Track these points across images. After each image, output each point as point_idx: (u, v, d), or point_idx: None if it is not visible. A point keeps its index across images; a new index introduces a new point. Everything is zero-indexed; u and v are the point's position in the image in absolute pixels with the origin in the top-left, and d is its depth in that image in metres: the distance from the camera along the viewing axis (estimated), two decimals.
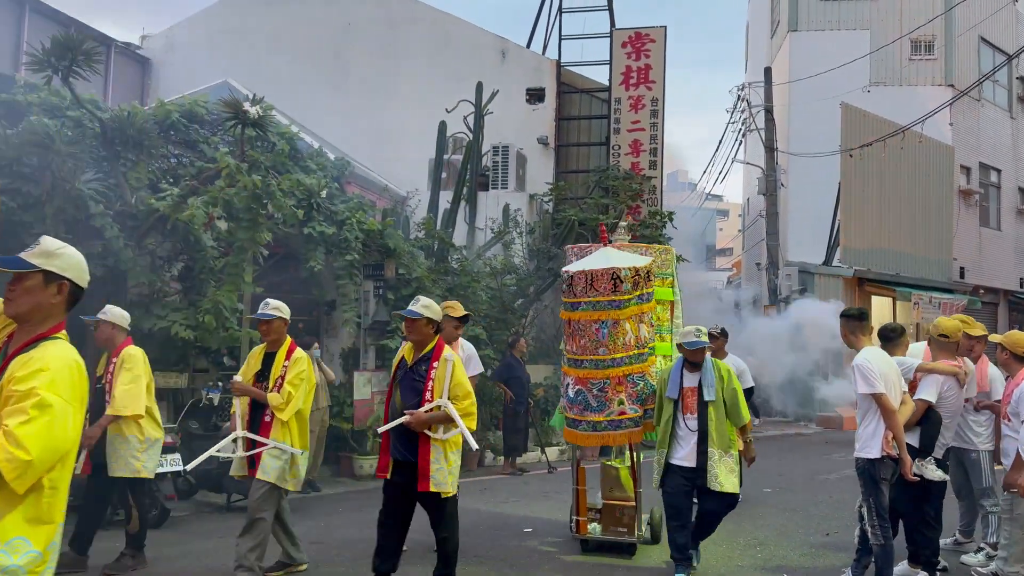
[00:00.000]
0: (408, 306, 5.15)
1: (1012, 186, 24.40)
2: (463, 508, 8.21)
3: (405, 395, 5.05)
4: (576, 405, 5.87)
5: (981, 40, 22.54)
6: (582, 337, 5.78)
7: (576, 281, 5.73)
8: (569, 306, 5.84)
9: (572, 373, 5.91)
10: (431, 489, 4.93)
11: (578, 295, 5.74)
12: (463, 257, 12.64)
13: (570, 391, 5.94)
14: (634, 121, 17.03)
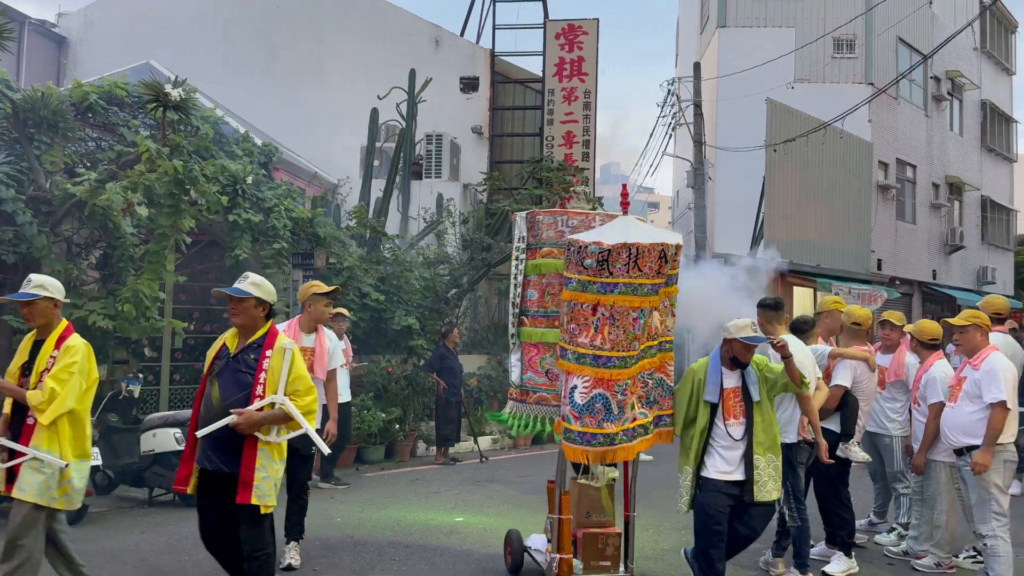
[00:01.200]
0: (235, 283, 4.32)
1: (926, 182, 25.46)
2: (395, 498, 8.25)
3: (227, 390, 4.18)
4: (590, 415, 4.56)
5: (899, 40, 23.40)
6: (613, 328, 4.54)
7: (615, 257, 4.47)
8: (600, 287, 4.52)
9: (588, 373, 4.59)
10: (252, 501, 4.10)
11: (615, 274, 4.50)
12: (396, 246, 12.53)
13: (576, 396, 4.60)
14: (567, 113, 17.14)
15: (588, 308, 4.57)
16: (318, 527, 6.86)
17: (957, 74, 26.41)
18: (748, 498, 4.77)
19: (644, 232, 4.75)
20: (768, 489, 4.80)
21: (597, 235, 4.68)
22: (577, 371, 4.60)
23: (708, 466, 4.88)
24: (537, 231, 5.19)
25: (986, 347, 5.45)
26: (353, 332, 10.57)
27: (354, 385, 10.72)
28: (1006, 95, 31.38)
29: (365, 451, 10.37)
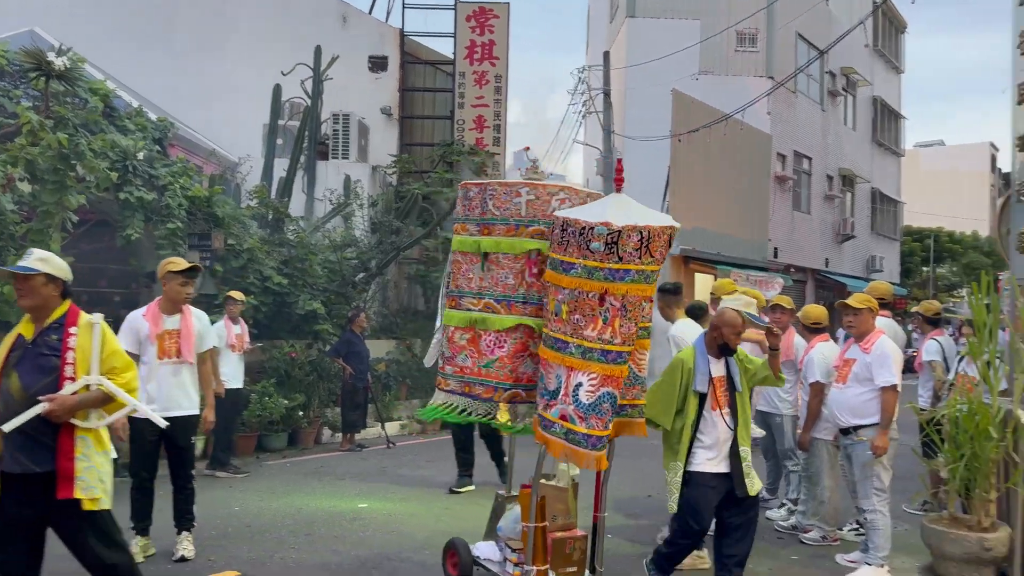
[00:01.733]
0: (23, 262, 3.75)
1: (821, 173, 26.60)
2: (297, 486, 8.07)
3: (29, 377, 3.61)
4: (597, 415, 4.05)
5: (798, 36, 24.30)
6: (624, 320, 4.00)
7: (626, 240, 3.93)
8: (608, 274, 3.97)
9: (596, 369, 4.03)
10: (76, 495, 3.58)
11: (626, 260, 3.94)
12: (300, 228, 12.20)
13: (582, 395, 4.04)
14: (478, 96, 17.04)
15: (595, 297, 3.98)
16: (214, 517, 6.65)
17: (851, 71, 27.64)
18: (741, 492, 4.63)
19: (647, 214, 4.22)
20: (755, 481, 4.70)
21: (598, 214, 4.08)
22: (583, 367, 4.02)
23: (695, 460, 4.67)
24: (480, 204, 4.65)
25: (875, 331, 5.72)
26: (254, 316, 10.26)
27: (255, 371, 10.44)
28: (895, 92, 33.09)
29: (267, 439, 10.10)
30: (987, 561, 5.37)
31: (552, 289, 4.16)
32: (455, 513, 7.06)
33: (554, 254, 4.17)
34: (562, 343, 4.11)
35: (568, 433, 4.08)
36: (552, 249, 4.19)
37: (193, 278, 5.66)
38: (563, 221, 4.10)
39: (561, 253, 4.10)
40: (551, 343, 4.15)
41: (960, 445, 5.48)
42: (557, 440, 4.11)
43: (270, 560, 5.65)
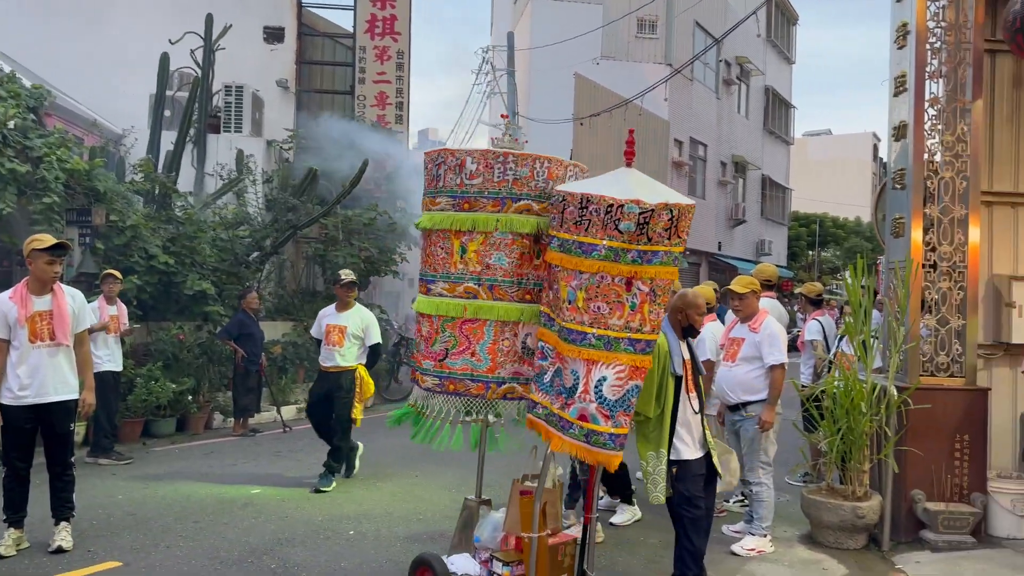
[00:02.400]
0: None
1: (715, 160, 27.45)
2: (186, 473, 7.76)
3: None
4: (625, 412, 3.68)
5: (696, 24, 24.91)
6: (654, 306, 3.68)
7: (656, 219, 3.59)
8: (637, 256, 3.60)
9: (624, 361, 3.66)
10: None
11: (655, 240, 3.61)
12: (188, 205, 11.68)
13: (606, 390, 3.66)
14: (380, 72, 16.73)
15: (621, 282, 3.60)
16: (96, 506, 6.35)
17: (745, 60, 28.58)
18: (715, 471, 4.56)
19: (666, 190, 3.85)
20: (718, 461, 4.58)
21: (619, 190, 3.67)
22: (608, 359, 3.64)
23: (681, 448, 4.43)
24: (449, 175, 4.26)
25: (761, 311, 5.95)
26: (139, 297, 9.78)
27: (140, 353, 9.97)
28: (787, 82, 34.44)
29: (154, 424, 9.68)
30: (860, 528, 5.70)
31: (563, 274, 3.70)
32: (352, 497, 6.96)
33: (566, 234, 3.70)
34: (579, 334, 3.67)
35: (590, 435, 3.67)
36: (562, 229, 3.74)
37: (61, 256, 5.31)
38: (582, 197, 3.64)
39: (578, 233, 3.65)
40: (566, 335, 3.69)
41: (837, 419, 5.78)
42: (576, 443, 3.69)
43: (155, 549, 5.43)
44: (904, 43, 6.15)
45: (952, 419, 5.86)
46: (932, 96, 6.08)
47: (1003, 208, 6.50)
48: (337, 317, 7.44)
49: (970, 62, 6.04)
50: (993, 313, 6.42)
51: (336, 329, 7.38)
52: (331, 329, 7.41)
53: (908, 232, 6.00)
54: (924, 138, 6.06)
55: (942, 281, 6.03)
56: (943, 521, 5.66)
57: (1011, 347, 6.27)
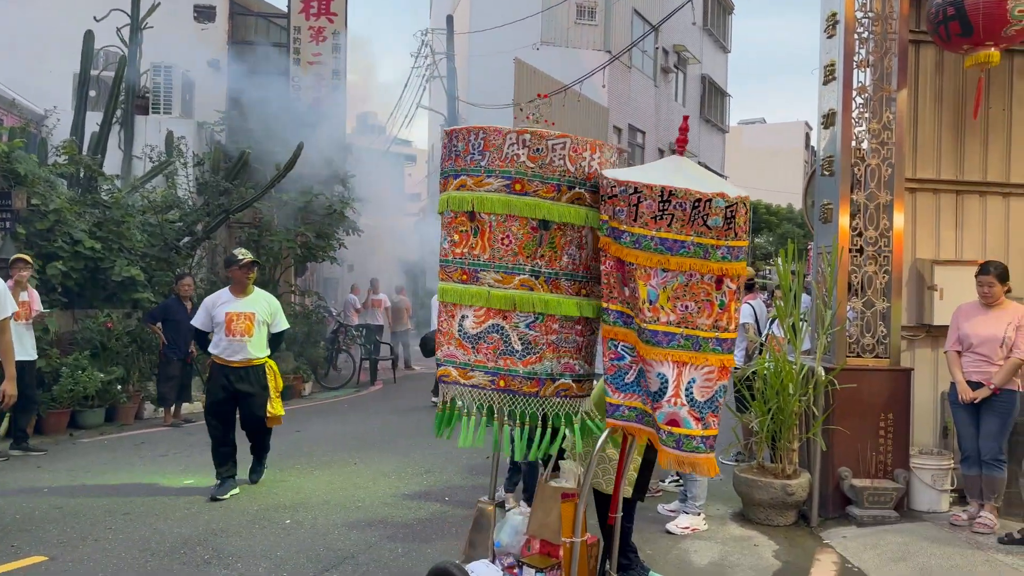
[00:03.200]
0: None
1: (653, 147, 27.78)
2: (115, 464, 7.52)
3: None
4: (713, 412, 3.55)
5: (634, 12, 25.09)
6: (737, 303, 3.58)
7: (739, 212, 3.51)
8: (726, 253, 3.49)
9: (713, 362, 3.52)
10: None
11: (740, 237, 3.53)
12: (116, 188, 11.28)
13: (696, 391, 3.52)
14: (315, 53, 16.38)
15: (711, 280, 3.47)
16: (20, 499, 6.14)
17: (682, 48, 28.92)
18: None
19: (717, 180, 3.71)
20: None
21: (695, 182, 3.52)
22: (699, 360, 3.50)
23: None
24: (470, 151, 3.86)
25: None
26: (64, 283, 9.44)
27: (66, 342, 9.63)
28: (722, 71, 35.00)
29: (81, 415, 9.37)
30: (790, 505, 5.88)
31: (639, 272, 3.46)
32: (288, 486, 6.86)
33: (642, 229, 3.45)
34: (667, 335, 3.46)
35: (681, 440, 3.50)
36: (637, 223, 3.46)
37: None
38: (663, 190, 3.43)
39: (658, 228, 3.43)
40: (649, 336, 3.46)
41: (768, 400, 5.93)
42: (667, 450, 3.52)
43: (82, 542, 5.26)
44: (833, 32, 6.30)
45: (877, 398, 6.07)
46: (860, 85, 6.25)
47: (926, 195, 6.74)
48: (237, 303, 6.55)
49: (896, 52, 6.23)
50: (916, 296, 6.67)
51: (241, 317, 6.48)
52: (234, 317, 6.47)
53: (836, 218, 6.17)
54: (852, 126, 6.23)
55: (868, 265, 6.23)
56: (868, 497, 5.88)
57: (933, 328, 6.52)
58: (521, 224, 3.71)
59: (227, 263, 6.75)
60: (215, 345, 6.55)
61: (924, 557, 5.08)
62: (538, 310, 3.66)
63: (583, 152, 3.74)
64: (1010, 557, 5.04)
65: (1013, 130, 6.82)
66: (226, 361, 6.50)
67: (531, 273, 3.68)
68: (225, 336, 6.48)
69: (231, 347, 6.49)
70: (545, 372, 3.67)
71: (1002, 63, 6.24)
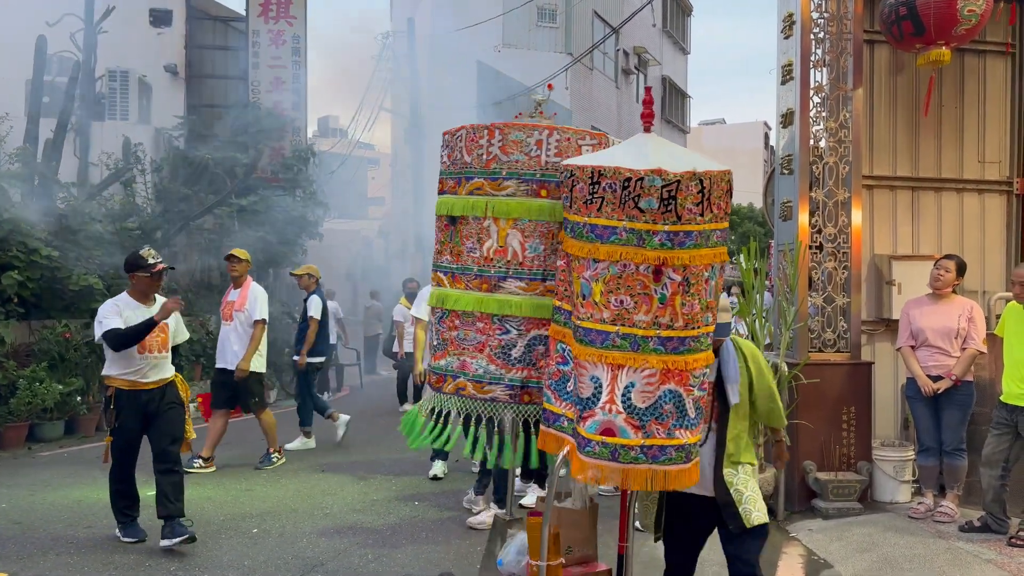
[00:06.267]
0: None
1: None
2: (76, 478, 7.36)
3: None
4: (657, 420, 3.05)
5: (595, 14, 25.25)
6: (687, 298, 3.05)
7: (684, 192, 3.00)
8: (666, 239, 3.00)
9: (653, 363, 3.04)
10: None
11: (685, 218, 3.01)
12: (72, 196, 11.06)
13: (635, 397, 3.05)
14: (275, 57, 16.21)
15: (648, 271, 3.01)
16: None
17: (643, 50, 29.16)
18: (733, 525, 3.48)
19: (695, 157, 3.21)
20: (753, 510, 3.49)
21: (634, 160, 3.07)
22: (636, 362, 3.05)
23: None
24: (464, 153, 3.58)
25: None
26: (20, 293, 9.22)
27: (23, 353, 9.41)
28: (682, 72, 35.37)
29: (40, 428, 9.15)
30: None
31: (576, 263, 3.10)
32: (255, 495, 6.77)
33: (576, 216, 3.10)
34: (601, 334, 3.06)
35: (618, 451, 3.05)
36: (571, 210, 3.14)
37: None
38: (593, 171, 3.05)
39: (590, 215, 3.05)
40: (583, 335, 3.09)
41: None
42: (598, 463, 3.07)
43: (43, 558, 5.14)
44: (790, 33, 6.40)
45: (839, 392, 6.18)
46: (817, 84, 6.36)
47: (882, 191, 6.87)
48: (147, 313, 5.38)
49: (851, 52, 6.35)
50: (875, 291, 6.80)
51: (156, 329, 5.33)
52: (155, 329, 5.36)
53: (796, 215, 6.26)
54: (810, 125, 6.33)
55: (828, 261, 6.34)
56: (833, 489, 5.97)
57: (892, 323, 6.65)
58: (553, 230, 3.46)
59: (133, 266, 5.43)
60: (123, 366, 5.30)
61: (888, 547, 5.18)
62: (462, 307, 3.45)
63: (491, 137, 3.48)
64: (971, 544, 5.15)
65: (965, 127, 6.99)
66: (139, 384, 5.33)
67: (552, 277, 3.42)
68: (138, 353, 5.29)
69: (146, 366, 5.34)
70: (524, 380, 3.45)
71: (953, 62, 6.40)
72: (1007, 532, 5.20)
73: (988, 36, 6.85)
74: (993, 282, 6.96)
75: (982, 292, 6.89)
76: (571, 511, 3.72)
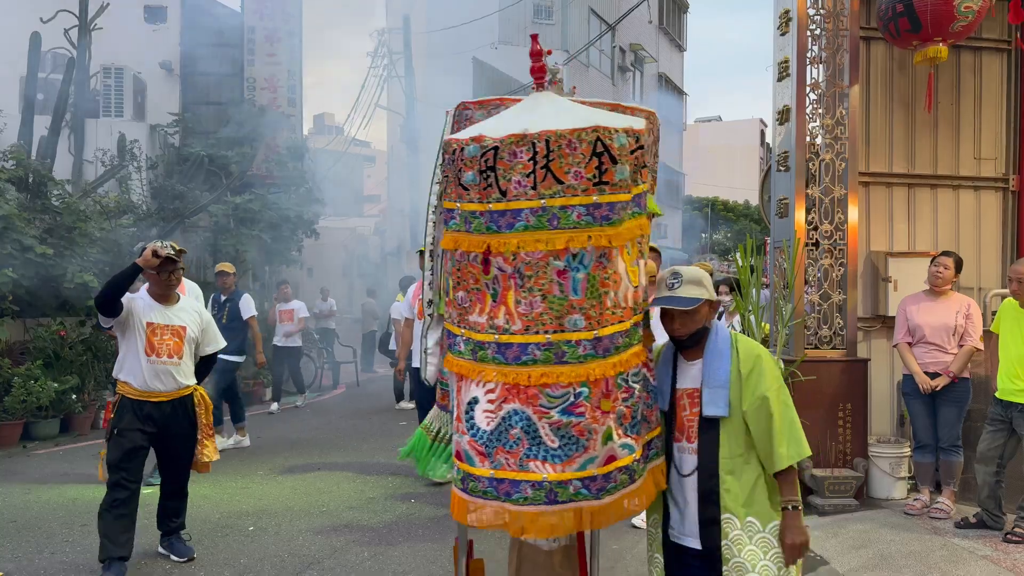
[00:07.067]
0: None
1: None
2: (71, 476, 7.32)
3: None
4: (504, 448, 2.47)
5: (591, 11, 25.23)
6: (523, 293, 2.45)
7: (508, 161, 2.44)
8: (490, 221, 2.48)
9: (491, 375, 2.50)
10: None
11: (513, 193, 2.44)
12: (66, 193, 11.02)
13: (478, 416, 2.51)
14: (270, 54, 16.18)
15: (478, 261, 2.49)
16: None
17: (639, 47, 29.15)
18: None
19: (564, 112, 2.56)
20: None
21: (482, 127, 2.58)
22: (475, 373, 2.51)
23: (669, 520, 2.81)
24: None
25: None
26: (14, 292, 9.19)
27: (17, 352, 9.39)
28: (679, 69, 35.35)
29: (34, 426, 9.12)
30: None
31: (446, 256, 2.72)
32: (251, 493, 6.76)
33: (447, 202, 2.67)
34: (451, 336, 2.63)
35: (467, 480, 2.53)
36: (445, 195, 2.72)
37: None
38: (443, 144, 2.65)
39: (450, 198, 2.61)
40: (446, 339, 2.70)
41: None
42: (454, 492, 2.60)
43: (39, 556, 5.13)
44: (787, 30, 6.39)
45: (835, 389, 6.18)
46: (813, 81, 6.35)
47: (879, 188, 6.87)
48: (164, 312, 4.79)
49: (847, 48, 6.34)
50: (871, 288, 6.80)
51: (167, 331, 4.78)
52: (157, 330, 4.74)
53: (792, 212, 6.26)
54: (806, 122, 6.33)
55: (824, 258, 6.34)
56: (829, 486, 5.97)
57: (888, 319, 6.65)
58: None
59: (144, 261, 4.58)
60: (128, 371, 4.71)
61: (884, 544, 5.19)
62: None
63: None
64: (966, 541, 5.16)
65: (961, 124, 6.99)
66: (145, 394, 4.70)
67: None
68: (144, 355, 4.68)
69: (150, 372, 4.70)
70: None
71: (949, 59, 6.39)
72: (1003, 528, 5.21)
73: (984, 33, 6.85)
74: (989, 279, 6.97)
75: (978, 289, 6.89)
76: (538, 550, 2.95)
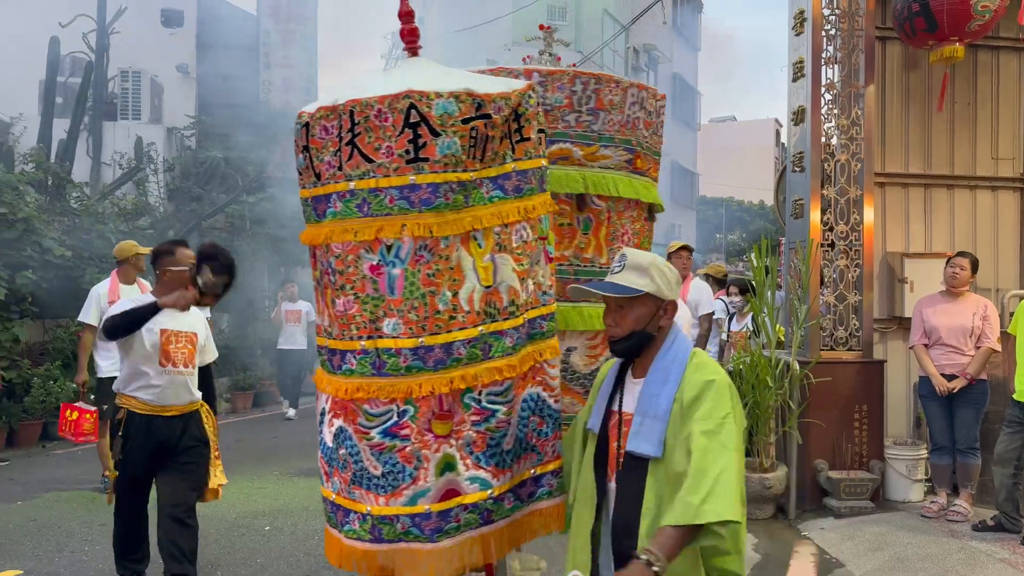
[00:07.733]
0: None
1: None
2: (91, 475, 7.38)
3: None
4: (339, 469, 2.22)
5: (605, 12, 25.21)
6: (339, 293, 2.15)
7: (321, 139, 2.13)
8: (312, 208, 2.21)
9: (325, 386, 2.28)
10: None
11: (324, 178, 2.14)
12: (85, 195, 11.13)
13: (324, 426, 2.27)
14: (286, 56, 16.29)
15: (309, 256, 2.31)
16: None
17: (652, 47, 29.08)
18: None
19: (402, 76, 2.21)
20: None
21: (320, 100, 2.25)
22: (321, 384, 2.29)
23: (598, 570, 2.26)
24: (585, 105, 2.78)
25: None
26: (34, 292, 9.29)
27: (37, 352, 9.49)
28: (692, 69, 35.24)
29: (54, 426, 9.14)
30: (768, 498, 5.93)
31: None
32: (267, 493, 6.82)
33: None
34: None
35: (325, 502, 2.30)
36: None
37: None
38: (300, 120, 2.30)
39: None
40: None
41: (744, 394, 5.98)
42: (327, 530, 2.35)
43: (58, 555, 5.18)
44: (801, 30, 6.37)
45: (851, 391, 6.15)
46: (828, 81, 6.33)
47: (895, 188, 6.84)
48: (176, 317, 4.13)
49: (863, 48, 6.31)
50: (887, 289, 6.76)
51: (182, 338, 4.19)
52: (172, 337, 4.14)
53: (807, 213, 6.24)
54: (821, 122, 6.30)
55: (839, 259, 6.31)
56: (845, 488, 5.94)
57: (904, 321, 6.61)
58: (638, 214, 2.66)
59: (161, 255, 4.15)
60: (140, 384, 4.07)
61: (901, 546, 5.16)
62: None
63: None
64: (984, 544, 5.12)
65: (978, 123, 6.94)
66: (158, 409, 4.09)
67: None
68: (159, 365, 4.06)
69: (166, 384, 4.09)
70: None
71: (966, 58, 6.35)
72: (1020, 531, 5.16)
73: (1002, 32, 6.80)
74: (1006, 279, 6.92)
75: (995, 290, 6.84)
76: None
